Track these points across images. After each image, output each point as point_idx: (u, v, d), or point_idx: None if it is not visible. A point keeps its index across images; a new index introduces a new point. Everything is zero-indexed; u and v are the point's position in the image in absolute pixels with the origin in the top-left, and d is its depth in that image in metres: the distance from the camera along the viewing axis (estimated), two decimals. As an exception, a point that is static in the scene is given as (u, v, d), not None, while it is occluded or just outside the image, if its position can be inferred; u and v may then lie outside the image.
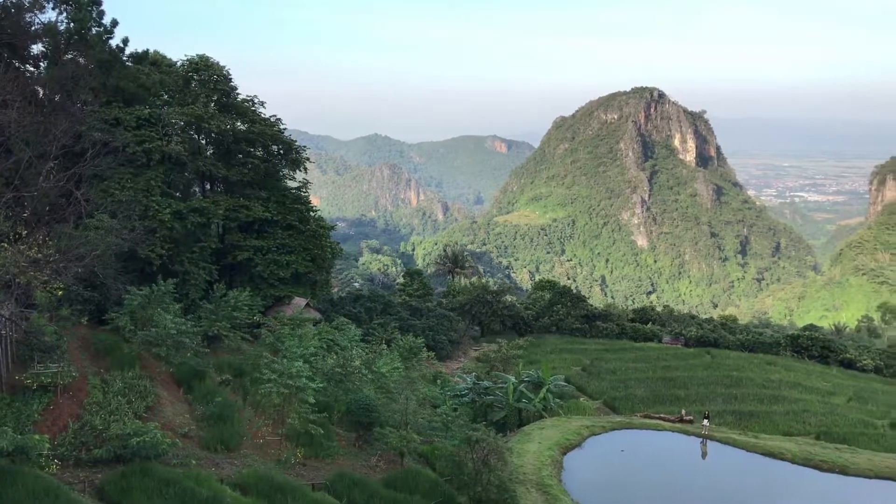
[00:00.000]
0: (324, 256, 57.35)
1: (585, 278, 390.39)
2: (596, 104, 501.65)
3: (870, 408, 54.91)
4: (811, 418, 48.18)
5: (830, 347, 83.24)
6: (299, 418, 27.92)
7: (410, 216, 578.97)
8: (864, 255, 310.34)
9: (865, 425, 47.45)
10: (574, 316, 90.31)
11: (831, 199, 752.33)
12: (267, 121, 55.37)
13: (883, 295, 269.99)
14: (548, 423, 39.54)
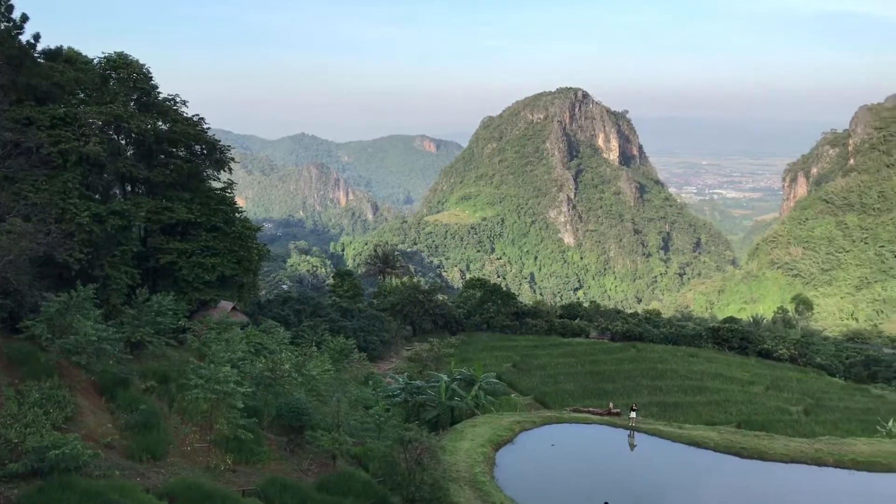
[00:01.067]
0: (250, 258, 56.26)
1: (515, 276, 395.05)
2: (522, 104, 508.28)
3: (785, 395, 57.35)
4: (732, 407, 50.00)
5: (749, 339, 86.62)
6: (228, 424, 27.35)
7: (340, 216, 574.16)
8: (778, 249, 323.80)
9: (782, 412, 49.56)
10: (504, 313, 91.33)
11: (747, 195, 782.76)
12: (189, 120, 53.94)
13: (796, 287, 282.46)
14: (480, 421, 39.83)
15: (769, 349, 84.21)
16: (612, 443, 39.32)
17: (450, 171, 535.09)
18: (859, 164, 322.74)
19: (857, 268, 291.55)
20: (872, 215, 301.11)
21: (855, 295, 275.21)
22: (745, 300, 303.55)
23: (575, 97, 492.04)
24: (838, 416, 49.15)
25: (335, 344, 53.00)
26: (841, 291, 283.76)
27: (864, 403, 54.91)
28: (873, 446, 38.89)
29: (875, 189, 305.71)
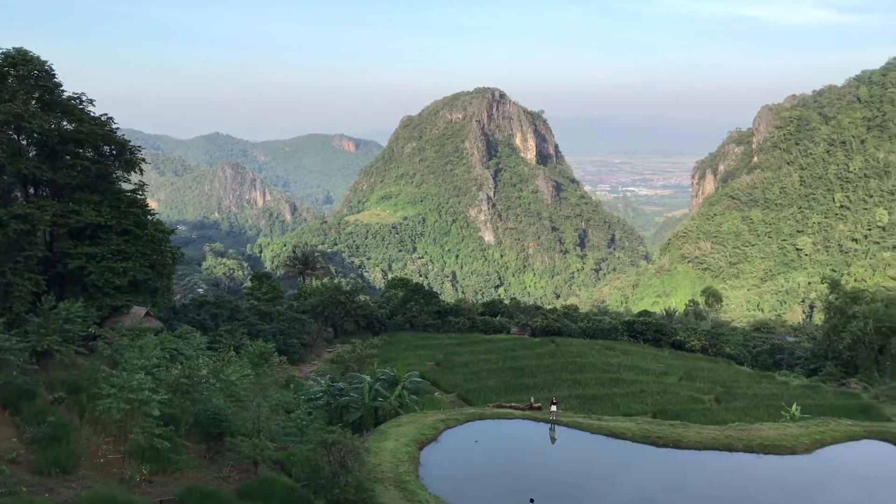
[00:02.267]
0: (164, 262, 54.55)
1: (437, 275, 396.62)
2: (441, 104, 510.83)
3: (698, 385, 59.54)
4: (648, 398, 51.53)
5: (662, 331, 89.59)
6: (143, 433, 26.43)
7: (257, 217, 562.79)
8: (688, 244, 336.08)
9: (694, 401, 51.43)
10: (427, 312, 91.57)
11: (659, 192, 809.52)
12: (97, 120, 51.76)
13: (706, 280, 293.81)
14: (404, 420, 39.82)
15: (681, 340, 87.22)
16: (534, 437, 39.97)
17: (370, 170, 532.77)
18: (762, 161, 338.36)
19: (761, 261, 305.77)
20: (775, 210, 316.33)
21: (760, 287, 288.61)
22: (658, 294, 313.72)
23: (492, 97, 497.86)
24: (747, 402, 51.30)
25: (254, 348, 51.96)
26: (747, 284, 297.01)
27: (770, 390, 57.49)
28: (779, 430, 40.85)
29: (777, 185, 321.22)
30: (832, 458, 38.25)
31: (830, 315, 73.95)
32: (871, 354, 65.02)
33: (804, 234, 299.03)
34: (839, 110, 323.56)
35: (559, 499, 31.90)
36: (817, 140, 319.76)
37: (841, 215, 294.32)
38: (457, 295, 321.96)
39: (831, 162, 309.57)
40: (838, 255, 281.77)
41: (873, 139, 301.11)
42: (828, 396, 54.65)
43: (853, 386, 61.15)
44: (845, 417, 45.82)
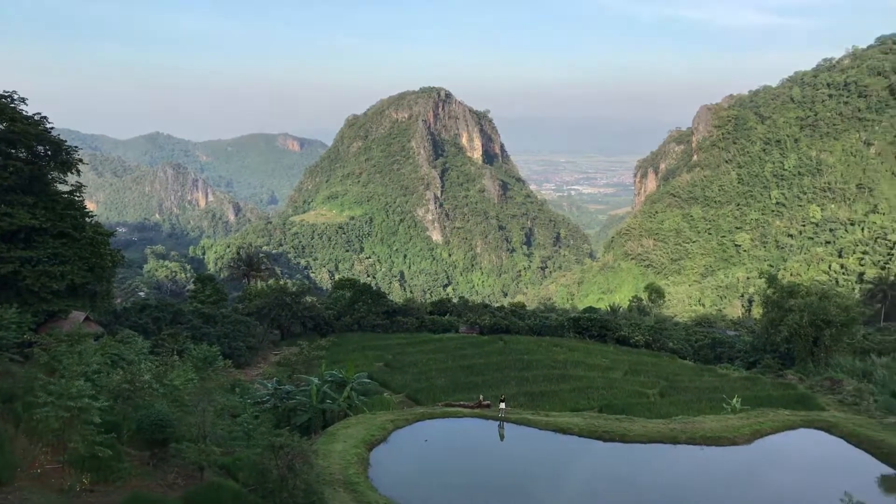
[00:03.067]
0: (103, 265, 52.99)
1: (385, 274, 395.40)
2: (387, 103, 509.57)
3: (642, 379, 60.57)
4: (594, 393, 52.22)
5: (607, 327, 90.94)
6: (83, 441, 25.65)
7: (199, 218, 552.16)
8: (631, 241, 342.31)
9: (639, 395, 52.34)
10: (375, 312, 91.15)
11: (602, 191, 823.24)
12: (30, 119, 50.02)
13: (649, 276, 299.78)
14: (352, 422, 39.58)
15: (626, 336, 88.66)
16: (484, 434, 40.18)
17: (315, 170, 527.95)
18: (702, 160, 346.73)
19: (702, 257, 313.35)
20: (714, 207, 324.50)
21: (701, 282, 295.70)
22: (602, 290, 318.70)
23: (438, 96, 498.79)
24: (690, 396, 52.42)
25: (198, 352, 50.90)
26: (689, 279, 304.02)
27: (712, 383, 58.85)
28: (720, 422, 41.93)
29: (716, 183, 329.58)
30: (771, 447, 39.44)
31: (768, 309, 76.03)
32: (807, 346, 67.17)
33: (742, 231, 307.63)
34: (774, 110, 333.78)
35: (509, 495, 32.13)
36: (754, 139, 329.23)
37: (777, 212, 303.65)
38: (405, 295, 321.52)
39: (767, 160, 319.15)
40: (775, 251, 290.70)
41: (806, 138, 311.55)
42: (766, 388, 56.26)
43: (790, 377, 63.10)
44: (783, 408, 47.28)
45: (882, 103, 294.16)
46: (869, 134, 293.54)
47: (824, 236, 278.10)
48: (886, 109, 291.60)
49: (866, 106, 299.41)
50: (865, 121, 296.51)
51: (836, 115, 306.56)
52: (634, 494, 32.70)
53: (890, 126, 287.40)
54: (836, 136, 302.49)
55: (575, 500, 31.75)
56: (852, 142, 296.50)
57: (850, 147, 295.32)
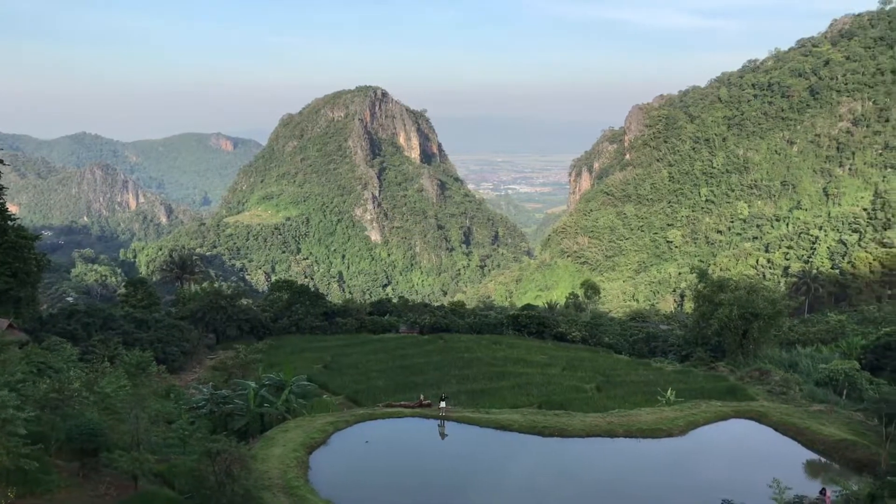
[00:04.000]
0: (27, 270, 51.09)
1: (323, 276, 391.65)
2: (322, 102, 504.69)
3: (580, 374, 61.49)
4: (533, 389, 52.76)
5: (545, 324, 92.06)
6: (8, 454, 24.61)
7: (130, 221, 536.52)
8: (567, 239, 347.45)
9: (577, 390, 53.10)
10: (313, 314, 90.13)
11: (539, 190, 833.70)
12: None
13: (585, 273, 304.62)
14: (291, 425, 39.07)
15: (563, 332, 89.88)
16: (425, 434, 40.19)
17: (249, 169, 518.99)
18: (634, 158, 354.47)
19: (635, 253, 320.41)
20: (647, 205, 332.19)
21: (635, 278, 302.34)
22: (540, 288, 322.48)
23: (374, 95, 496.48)
24: (626, 390, 53.46)
25: (130, 358, 49.45)
26: (623, 275, 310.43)
27: (647, 376, 60.16)
28: (655, 415, 42.95)
29: (648, 181, 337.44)
30: (705, 437, 40.62)
31: (699, 303, 78.13)
32: (736, 339, 69.32)
33: (674, 227, 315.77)
34: (703, 109, 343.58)
35: (451, 492, 32.22)
36: (684, 138, 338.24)
37: (706, 209, 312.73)
38: (344, 295, 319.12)
39: (697, 158, 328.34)
40: (705, 247, 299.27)
41: (733, 136, 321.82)
42: (699, 380, 57.84)
43: (721, 369, 65.04)
44: (715, 399, 48.74)
45: (803, 103, 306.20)
46: (791, 133, 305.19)
47: (751, 232, 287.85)
48: (807, 109, 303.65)
49: (788, 106, 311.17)
50: (788, 120, 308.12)
51: (761, 115, 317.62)
52: (574, 487, 33.19)
53: (811, 125, 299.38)
54: (762, 134, 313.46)
55: (516, 495, 32.04)
56: (776, 140, 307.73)
57: (775, 145, 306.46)
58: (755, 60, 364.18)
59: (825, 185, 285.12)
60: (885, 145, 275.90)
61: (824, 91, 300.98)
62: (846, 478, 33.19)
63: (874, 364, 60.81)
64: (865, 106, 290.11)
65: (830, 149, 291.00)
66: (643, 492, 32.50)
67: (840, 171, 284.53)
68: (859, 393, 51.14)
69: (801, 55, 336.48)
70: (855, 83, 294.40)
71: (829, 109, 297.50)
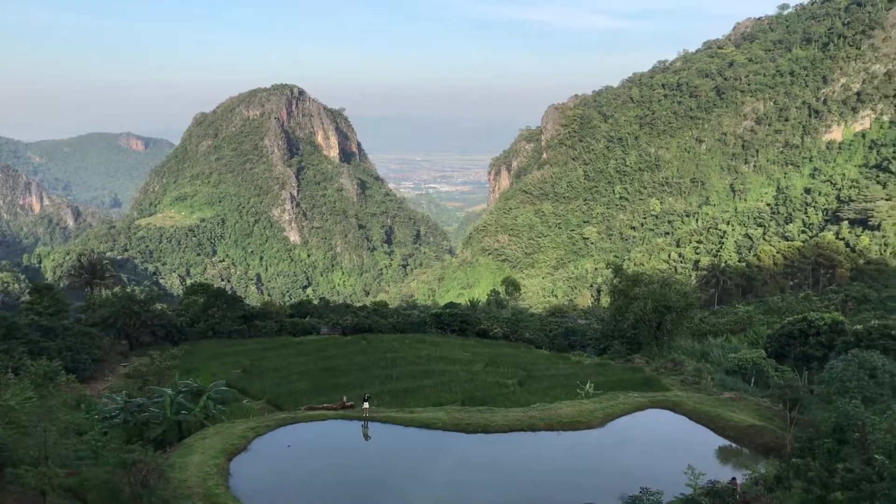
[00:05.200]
0: (-79, 278, 48.01)
1: (240, 278, 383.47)
2: (237, 100, 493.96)
3: (502, 370, 62.19)
4: (457, 386, 53.05)
5: (467, 321, 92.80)
6: None
7: (34, 224, 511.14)
8: (488, 237, 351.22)
9: (500, 386, 53.71)
10: (231, 318, 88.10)
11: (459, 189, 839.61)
12: None
13: (505, 271, 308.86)
14: (210, 432, 38.12)
15: (486, 329, 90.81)
16: (348, 435, 39.91)
17: (161, 170, 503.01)
18: (551, 157, 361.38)
19: (553, 250, 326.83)
20: (564, 203, 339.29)
21: (554, 274, 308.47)
22: (462, 286, 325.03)
23: (291, 94, 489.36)
24: (546, 384, 54.39)
25: (37, 367, 47.20)
26: (542, 272, 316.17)
27: (566, 370, 61.33)
28: (575, 407, 43.90)
29: (564, 180, 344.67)
30: (623, 428, 41.78)
31: (615, 297, 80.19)
32: (651, 331, 71.52)
33: (590, 224, 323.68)
34: (616, 109, 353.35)
35: (376, 493, 32.12)
36: (598, 137, 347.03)
37: (621, 206, 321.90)
38: (263, 298, 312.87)
39: (611, 157, 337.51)
40: (620, 243, 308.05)
41: (645, 135, 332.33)
42: (616, 372, 59.41)
43: (637, 361, 66.97)
44: (632, 390, 50.18)
45: (710, 103, 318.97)
46: (700, 131, 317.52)
47: (663, 227, 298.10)
48: (714, 109, 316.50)
49: (697, 105, 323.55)
50: (696, 119, 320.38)
51: (671, 114, 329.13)
52: (498, 482, 33.59)
53: (718, 124, 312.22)
54: (672, 133, 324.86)
55: (440, 492, 32.18)
56: (686, 139, 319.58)
57: (684, 144, 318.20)
58: (665, 61, 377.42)
59: (732, 181, 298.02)
60: (786, 143, 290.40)
61: (729, 91, 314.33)
62: (755, 462, 34.73)
63: (779, 352, 63.75)
64: (767, 106, 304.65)
65: (736, 147, 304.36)
66: (564, 483, 33.18)
67: (745, 168, 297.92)
68: (766, 380, 53.52)
69: (708, 56, 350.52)
70: (757, 84, 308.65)
71: (735, 109, 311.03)
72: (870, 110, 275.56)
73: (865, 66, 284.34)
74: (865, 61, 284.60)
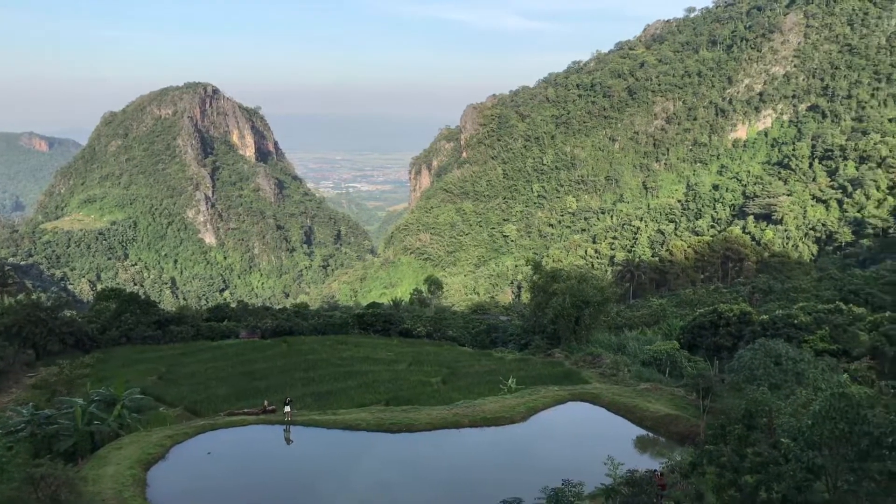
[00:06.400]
0: None
1: (154, 282, 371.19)
2: (148, 99, 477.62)
3: (426, 369, 62.36)
4: (380, 387, 52.92)
5: (390, 321, 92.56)
6: None
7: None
8: (410, 236, 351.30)
9: (424, 385, 53.86)
10: (145, 323, 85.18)
11: (379, 188, 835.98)
12: None
13: (428, 269, 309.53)
14: (125, 442, 36.83)
15: (409, 328, 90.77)
16: (270, 440, 39.29)
17: (68, 171, 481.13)
18: (470, 156, 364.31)
19: (475, 248, 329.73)
20: (484, 201, 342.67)
21: (475, 272, 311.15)
22: (385, 285, 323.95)
23: (205, 92, 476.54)
24: (470, 381, 54.85)
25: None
26: (464, 270, 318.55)
27: (489, 366, 62.01)
28: (498, 403, 44.45)
29: (484, 178, 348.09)
30: (545, 421, 42.57)
31: (535, 294, 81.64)
32: (570, 326, 73.07)
33: (509, 222, 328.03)
34: (532, 109, 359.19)
35: (299, 496, 31.73)
36: (516, 136, 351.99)
37: (539, 203, 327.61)
38: (178, 302, 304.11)
39: (528, 156, 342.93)
40: (539, 240, 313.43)
41: (561, 135, 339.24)
42: (537, 367, 60.46)
43: (557, 355, 68.32)
44: (553, 384, 51.18)
45: (623, 103, 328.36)
46: (613, 130, 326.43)
47: (580, 224, 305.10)
48: (626, 108, 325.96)
49: (610, 105, 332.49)
50: (610, 118, 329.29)
51: (586, 114, 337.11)
52: (423, 480, 33.71)
53: (630, 123, 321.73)
54: (587, 132, 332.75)
55: (365, 493, 32.07)
56: (600, 138, 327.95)
57: (599, 143, 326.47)
58: (579, 62, 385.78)
59: (644, 179, 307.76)
60: (694, 142, 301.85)
61: (641, 91, 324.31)
62: (671, 450, 36.01)
63: (691, 343, 66.28)
64: (677, 105, 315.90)
65: (648, 145, 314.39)
66: (489, 478, 33.54)
67: (657, 166, 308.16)
68: (680, 370, 55.56)
69: (620, 57, 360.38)
70: (667, 84, 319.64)
71: (646, 108, 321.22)
72: (771, 110, 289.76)
73: (766, 67, 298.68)
74: (766, 63, 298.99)
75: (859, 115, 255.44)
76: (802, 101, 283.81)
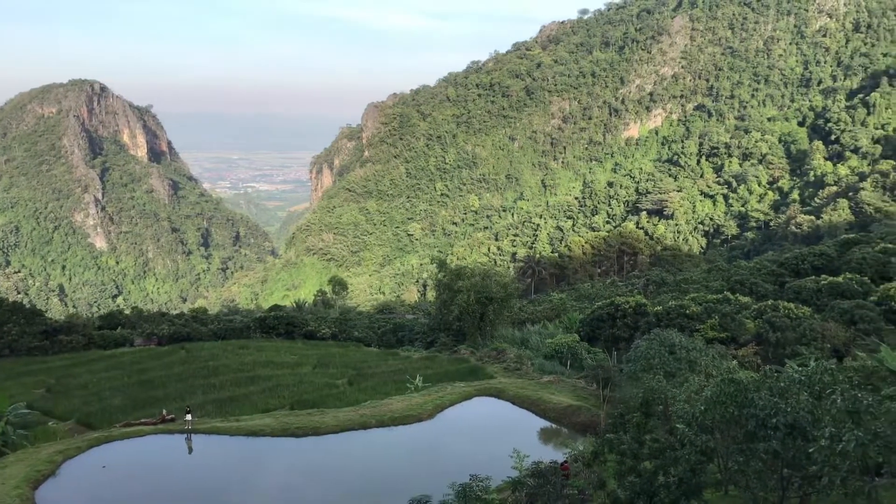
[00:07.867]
0: None
1: (40, 290, 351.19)
2: (28, 97, 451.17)
3: (331, 371, 61.68)
4: (284, 391, 51.97)
5: (294, 323, 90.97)
6: None
7: None
8: (312, 236, 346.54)
9: (329, 387, 53.27)
10: (30, 333, 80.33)
11: (279, 188, 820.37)
12: None
13: (332, 270, 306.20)
14: (10, 460, 34.68)
15: (313, 330, 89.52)
16: (170, 450, 37.92)
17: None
18: (373, 155, 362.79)
19: (379, 247, 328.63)
20: (388, 200, 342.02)
21: (380, 271, 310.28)
22: (287, 287, 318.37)
23: (92, 90, 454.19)
24: (376, 381, 54.66)
25: None
26: (369, 270, 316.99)
27: (396, 366, 61.97)
28: (405, 402, 44.50)
29: (387, 177, 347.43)
30: (453, 418, 42.91)
31: (440, 291, 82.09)
32: (475, 322, 74.01)
33: (414, 221, 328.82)
34: (434, 108, 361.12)
35: (203, 509, 30.81)
36: (418, 135, 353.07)
37: (442, 202, 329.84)
38: (67, 310, 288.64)
39: (431, 155, 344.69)
40: (443, 238, 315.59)
41: (462, 134, 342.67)
42: (444, 364, 60.89)
43: (463, 352, 68.94)
44: (459, 381, 51.67)
45: (521, 103, 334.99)
46: (512, 129, 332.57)
47: (483, 222, 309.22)
48: (524, 108, 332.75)
49: (509, 105, 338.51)
50: (509, 118, 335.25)
51: (486, 113, 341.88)
52: (330, 483, 33.35)
53: (528, 122, 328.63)
54: (487, 132, 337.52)
55: (270, 499, 31.45)
56: (500, 137, 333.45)
57: (499, 142, 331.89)
58: (478, 62, 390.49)
59: (543, 177, 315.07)
60: (590, 140, 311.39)
61: (538, 91, 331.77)
62: (574, 440, 37.00)
63: (590, 335, 68.31)
64: (572, 105, 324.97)
65: (546, 144, 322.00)
66: (398, 477, 33.55)
67: (555, 165, 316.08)
68: (580, 362, 57.16)
69: (517, 58, 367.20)
70: (563, 84, 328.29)
71: (543, 108, 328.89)
72: (661, 109, 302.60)
73: (656, 68, 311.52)
74: (655, 64, 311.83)
75: (741, 114, 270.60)
76: (690, 100, 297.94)
